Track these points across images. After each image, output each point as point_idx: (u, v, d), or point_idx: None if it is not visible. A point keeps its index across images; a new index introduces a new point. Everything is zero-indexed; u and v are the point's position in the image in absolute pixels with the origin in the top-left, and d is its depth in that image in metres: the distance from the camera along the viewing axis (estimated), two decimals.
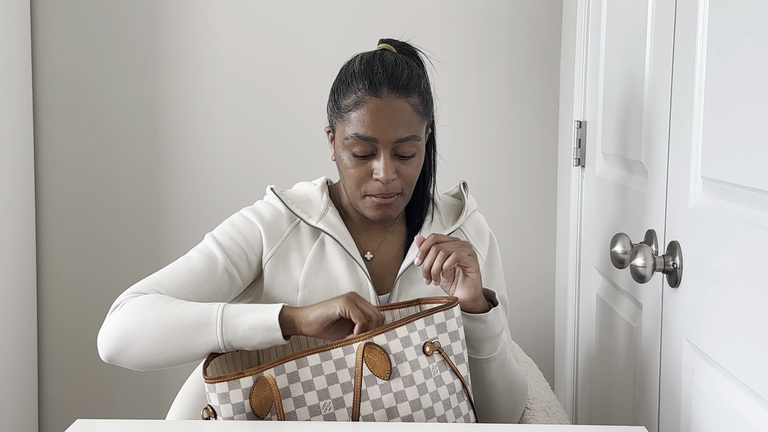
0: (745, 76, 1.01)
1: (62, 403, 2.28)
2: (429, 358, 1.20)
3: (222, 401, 1.14)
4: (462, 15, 2.18)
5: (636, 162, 1.45)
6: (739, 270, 1.03)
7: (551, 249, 2.22)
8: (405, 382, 1.18)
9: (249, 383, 1.14)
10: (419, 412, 1.17)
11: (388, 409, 1.16)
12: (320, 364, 1.16)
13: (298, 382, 1.15)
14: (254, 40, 2.20)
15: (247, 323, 1.19)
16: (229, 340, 1.19)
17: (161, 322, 1.21)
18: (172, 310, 1.21)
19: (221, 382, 1.14)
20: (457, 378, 1.22)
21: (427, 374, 1.19)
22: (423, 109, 1.31)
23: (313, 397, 1.15)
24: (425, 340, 1.20)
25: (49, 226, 2.24)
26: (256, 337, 1.19)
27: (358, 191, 1.31)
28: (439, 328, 1.22)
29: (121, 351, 1.22)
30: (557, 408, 1.54)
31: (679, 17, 1.24)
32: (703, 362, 1.15)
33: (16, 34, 2.11)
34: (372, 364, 1.17)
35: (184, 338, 1.20)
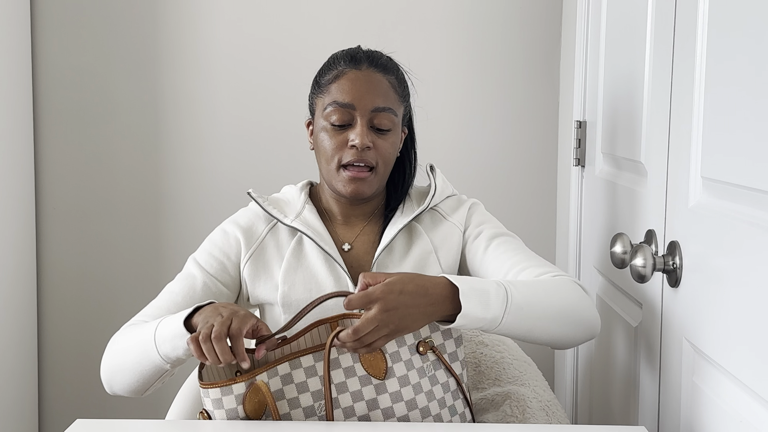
0: (746, 77, 1.01)
1: (62, 403, 2.28)
2: (422, 357, 1.20)
3: (215, 406, 1.15)
4: (462, 15, 2.18)
5: (636, 162, 1.45)
6: (739, 270, 1.03)
7: (551, 249, 2.22)
8: (400, 382, 1.18)
9: (242, 389, 1.15)
10: (415, 412, 1.18)
11: (384, 410, 1.16)
12: (314, 365, 1.16)
13: (292, 384, 1.16)
14: (254, 40, 2.20)
15: (169, 335, 1.20)
16: (166, 354, 1.21)
17: (119, 356, 1.27)
18: (123, 347, 1.27)
19: (214, 388, 1.15)
20: (452, 376, 1.22)
21: (422, 373, 1.20)
22: (400, 91, 1.38)
23: (308, 399, 1.16)
24: (418, 339, 1.20)
25: (49, 226, 2.24)
26: (178, 344, 1.18)
27: (333, 162, 1.32)
28: (432, 326, 1.22)
29: (112, 385, 1.30)
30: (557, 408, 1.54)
31: (679, 17, 1.24)
32: (703, 362, 1.15)
33: (16, 34, 2.11)
34: (368, 363, 1.17)
35: (137, 364, 1.24)
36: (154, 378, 1.25)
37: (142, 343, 1.24)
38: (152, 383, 1.27)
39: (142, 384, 1.27)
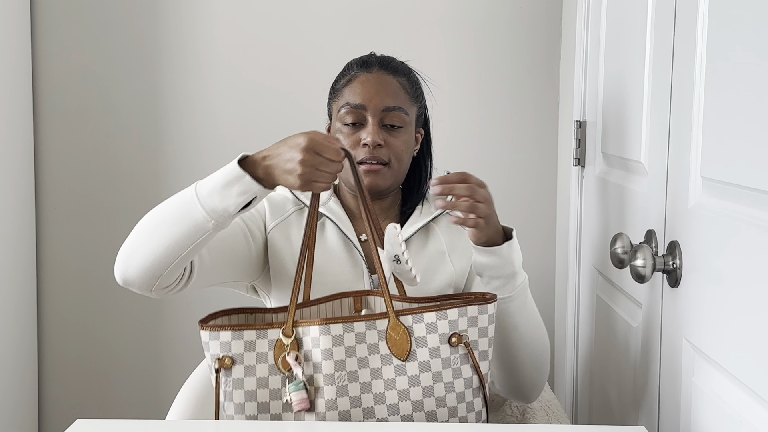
0: (746, 77, 1.01)
1: (62, 403, 2.28)
2: (453, 348, 1.20)
3: (247, 349, 1.17)
4: (462, 15, 2.18)
5: (636, 162, 1.45)
6: (739, 270, 1.03)
7: (551, 249, 2.22)
8: (421, 367, 1.17)
9: (276, 335, 1.18)
10: (430, 400, 1.17)
11: (400, 391, 1.16)
12: (342, 335, 1.16)
13: (318, 348, 1.16)
14: (254, 39, 2.20)
15: (217, 185, 1.19)
16: (212, 208, 1.19)
17: (152, 222, 1.25)
18: (158, 209, 1.25)
19: (249, 330, 1.17)
20: (477, 374, 1.21)
21: (446, 364, 1.19)
22: (411, 91, 1.44)
23: (330, 367, 1.15)
24: (453, 331, 1.19)
25: (49, 226, 2.24)
26: (231, 192, 1.18)
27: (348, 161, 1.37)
28: (471, 321, 1.21)
29: (128, 263, 1.24)
30: (557, 408, 1.54)
31: (679, 17, 1.24)
32: (703, 362, 1.15)
33: (16, 34, 2.11)
34: (393, 342, 1.17)
35: (174, 223, 1.21)
36: (187, 243, 1.21)
37: (177, 206, 1.22)
38: (181, 253, 1.21)
39: (169, 253, 1.21)
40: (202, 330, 1.19)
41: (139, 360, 2.27)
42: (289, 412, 1.16)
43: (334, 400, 1.15)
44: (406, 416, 1.15)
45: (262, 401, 1.17)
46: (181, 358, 2.25)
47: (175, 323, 2.26)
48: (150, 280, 1.23)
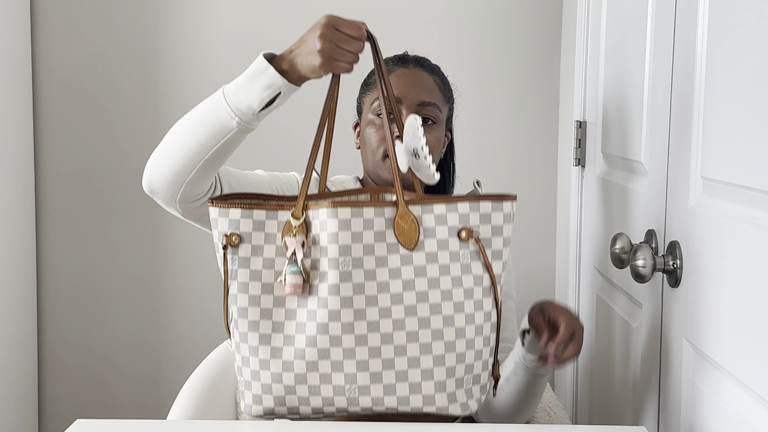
0: (745, 76, 1.01)
1: (62, 403, 2.28)
2: (462, 243, 1.15)
3: (256, 228, 1.14)
4: (462, 15, 2.18)
5: (636, 162, 1.45)
6: (739, 270, 1.03)
7: (551, 249, 2.22)
8: (428, 258, 1.13)
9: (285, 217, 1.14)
10: (436, 292, 1.12)
11: (405, 281, 1.12)
12: (349, 220, 1.12)
13: (325, 232, 1.12)
14: (255, 39, 2.20)
15: (243, 80, 1.19)
16: (236, 104, 1.19)
17: (179, 126, 1.24)
18: (188, 114, 1.25)
19: (259, 210, 1.14)
20: (488, 274, 1.15)
21: (455, 258, 1.14)
22: (444, 91, 1.45)
23: (335, 251, 1.11)
24: (464, 225, 1.14)
25: (49, 226, 2.24)
26: (255, 86, 1.18)
27: (378, 153, 1.37)
28: (483, 218, 1.15)
29: (154, 168, 1.24)
30: (557, 408, 1.54)
31: (679, 17, 1.24)
32: (703, 362, 1.16)
33: (16, 34, 2.11)
34: (400, 230, 1.12)
35: (200, 123, 1.21)
36: (211, 143, 1.20)
37: (204, 107, 1.22)
38: (205, 154, 1.21)
39: (193, 154, 1.21)
40: (212, 206, 1.15)
41: (139, 360, 2.27)
42: (293, 296, 1.13)
43: (337, 285, 1.10)
44: (409, 307, 1.11)
45: (266, 282, 1.14)
46: (181, 358, 2.25)
47: (175, 323, 2.26)
48: (174, 186, 1.23)
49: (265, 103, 1.18)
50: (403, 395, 1.12)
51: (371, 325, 1.11)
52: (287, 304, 1.14)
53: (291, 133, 2.16)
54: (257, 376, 1.14)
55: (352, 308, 1.11)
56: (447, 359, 1.12)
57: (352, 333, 1.10)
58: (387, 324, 1.11)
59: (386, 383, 1.11)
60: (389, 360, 1.11)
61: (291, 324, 1.13)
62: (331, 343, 1.11)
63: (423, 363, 1.11)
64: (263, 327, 1.13)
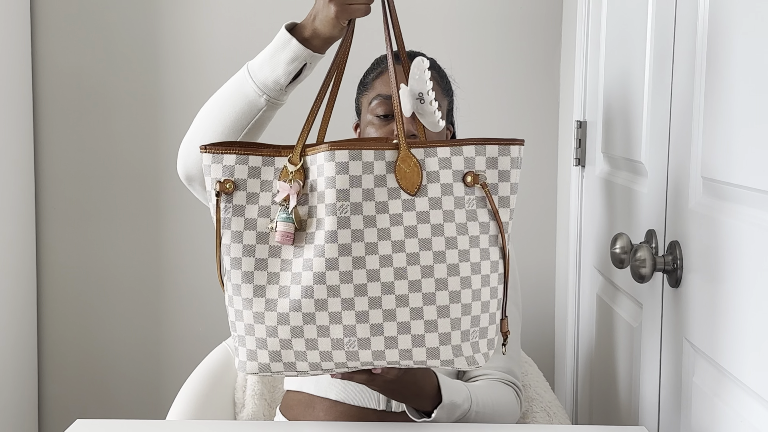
0: (746, 76, 1.01)
1: (62, 403, 2.28)
2: (468, 189, 1.08)
3: (251, 175, 1.08)
4: (462, 15, 2.18)
5: (636, 162, 1.45)
6: (739, 270, 1.03)
7: (551, 249, 2.22)
8: (431, 203, 1.06)
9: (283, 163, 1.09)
10: (440, 239, 1.06)
11: (407, 228, 1.05)
12: (347, 162, 1.05)
13: (323, 177, 1.06)
14: (255, 39, 2.19)
15: (267, 56, 1.18)
16: (263, 81, 1.18)
17: (208, 108, 1.23)
18: (215, 95, 1.24)
19: (255, 155, 1.09)
20: (495, 221, 1.10)
21: (459, 204, 1.08)
22: (443, 85, 1.41)
23: (332, 196, 1.05)
24: (469, 170, 1.08)
25: (49, 226, 2.24)
26: (279, 60, 1.17)
27: None
28: (490, 162, 1.10)
29: (188, 153, 1.23)
30: (557, 408, 1.54)
31: (679, 17, 1.24)
32: (703, 362, 1.15)
33: (16, 34, 2.11)
34: (402, 174, 1.06)
35: (228, 104, 1.20)
36: (242, 123, 1.20)
37: (231, 86, 1.21)
38: (237, 136, 1.21)
39: (226, 136, 1.20)
40: (204, 153, 1.09)
41: (139, 360, 2.27)
42: (289, 246, 1.07)
43: (335, 232, 1.03)
44: (411, 254, 1.04)
45: (261, 231, 1.08)
46: (181, 358, 2.25)
47: (175, 323, 2.26)
48: None
49: (292, 76, 1.17)
50: (406, 348, 1.05)
51: (371, 273, 1.04)
52: (283, 254, 1.07)
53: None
54: (251, 330, 1.07)
55: (350, 256, 1.04)
56: (452, 310, 1.05)
57: (351, 282, 1.04)
58: (388, 273, 1.04)
59: (387, 335, 1.05)
60: (390, 311, 1.04)
61: (286, 275, 1.06)
62: (328, 294, 1.04)
63: (426, 314, 1.05)
64: (258, 278, 1.07)
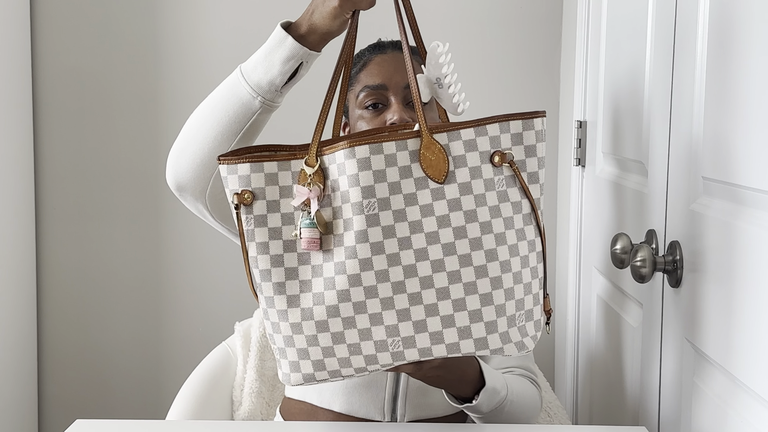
0: (746, 76, 1.01)
1: (62, 403, 2.28)
2: (496, 169, 1.04)
3: (269, 182, 1.04)
4: (462, 15, 2.18)
5: (636, 162, 1.45)
6: (740, 270, 1.03)
7: (551, 249, 2.22)
8: (461, 189, 1.02)
9: (300, 166, 1.04)
10: (474, 225, 1.01)
11: (439, 218, 1.01)
12: (368, 158, 1.00)
13: (345, 176, 1.01)
14: (255, 39, 2.19)
15: (261, 55, 1.14)
16: (257, 82, 1.14)
17: (199, 112, 1.19)
18: (207, 98, 1.20)
19: (270, 162, 1.04)
20: (526, 198, 1.06)
21: (489, 186, 1.03)
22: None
23: (357, 194, 1.01)
24: (496, 149, 1.04)
25: (49, 226, 2.24)
26: (274, 60, 1.12)
27: None
28: (515, 138, 1.05)
29: (178, 162, 1.20)
30: (557, 408, 1.54)
31: (680, 17, 1.24)
32: (703, 362, 1.15)
33: (16, 34, 2.11)
34: (427, 162, 1.01)
35: (220, 108, 1.16)
36: (236, 128, 1.15)
37: (223, 88, 1.17)
38: (231, 141, 1.15)
39: (219, 141, 1.15)
40: (221, 164, 1.05)
41: (139, 360, 2.27)
42: (318, 252, 1.03)
43: (365, 231, 1.00)
44: (447, 245, 1.01)
45: (288, 239, 1.04)
46: (181, 358, 2.25)
47: (175, 323, 2.26)
48: (202, 180, 1.17)
49: (287, 76, 1.13)
50: (453, 342, 1.01)
51: (407, 269, 1.00)
52: (313, 260, 1.03)
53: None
54: (291, 342, 1.03)
55: (384, 254, 1.00)
56: (495, 297, 1.02)
57: (388, 281, 1.00)
58: (425, 266, 1.00)
59: (432, 331, 1.01)
60: (432, 305, 1.01)
61: (319, 281, 1.02)
62: (366, 295, 1.00)
63: (470, 304, 1.01)
64: (290, 288, 1.03)
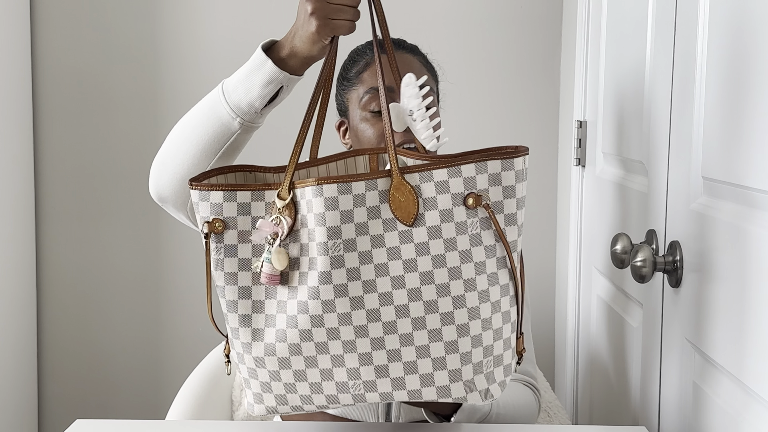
0: (746, 76, 1.01)
1: (62, 403, 2.28)
2: (470, 211, 1.00)
3: (241, 212, 1.01)
4: (462, 15, 2.18)
5: (636, 162, 1.45)
6: (740, 270, 1.03)
7: (551, 249, 2.22)
8: (430, 233, 0.98)
9: (273, 197, 1.02)
10: (442, 270, 0.98)
11: (406, 261, 0.98)
12: (336, 198, 0.97)
13: (312, 213, 0.99)
14: (254, 38, 2.19)
15: (242, 76, 1.12)
16: (236, 104, 1.12)
17: (180, 127, 1.17)
18: (189, 113, 1.18)
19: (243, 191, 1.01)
20: (501, 242, 1.01)
21: (461, 229, 0.99)
22: (431, 70, 1.34)
23: (323, 234, 0.98)
24: (470, 191, 0.99)
25: (49, 226, 2.24)
26: (254, 82, 1.10)
27: None
28: (492, 179, 1.00)
29: (159, 175, 1.17)
30: (558, 408, 1.54)
31: (680, 17, 1.24)
32: (703, 362, 1.15)
33: (16, 34, 2.11)
34: (396, 204, 0.98)
35: (200, 126, 1.14)
36: (215, 147, 1.13)
37: (204, 106, 1.15)
38: (210, 160, 1.14)
39: (199, 159, 1.13)
40: (192, 189, 1.02)
41: (139, 360, 2.27)
42: (283, 287, 1.01)
43: (329, 273, 0.97)
44: (413, 290, 0.98)
45: (257, 271, 1.02)
46: (181, 358, 2.25)
47: (175, 323, 2.26)
48: (183, 195, 1.17)
49: (267, 100, 1.12)
50: (414, 388, 1.00)
51: (371, 313, 0.98)
52: (278, 296, 1.01)
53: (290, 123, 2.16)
54: (254, 374, 1.03)
55: (347, 297, 0.97)
56: (461, 344, 0.99)
57: (351, 324, 0.98)
58: (389, 311, 0.98)
59: (394, 377, 0.99)
60: (395, 351, 0.98)
61: (282, 317, 1.00)
62: (328, 336, 0.98)
63: (433, 351, 0.98)
64: (255, 321, 1.02)
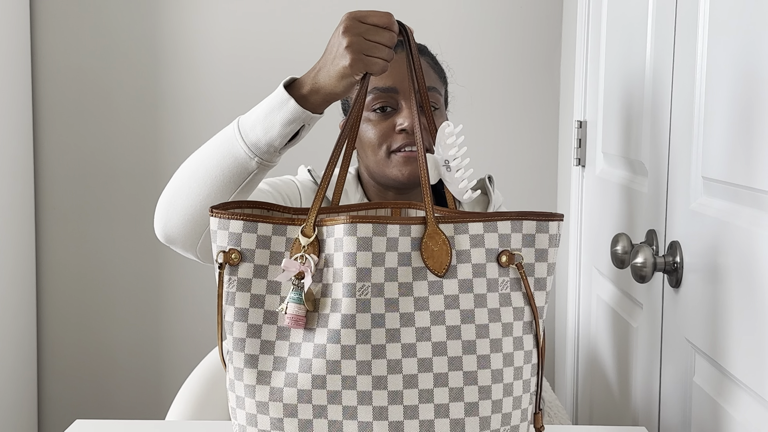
0: (745, 76, 1.01)
1: (62, 403, 2.28)
2: (502, 269, 0.97)
3: (260, 245, 0.96)
4: (462, 15, 2.18)
5: (636, 162, 1.45)
6: (740, 270, 1.03)
7: None
8: (461, 286, 0.95)
9: (296, 233, 0.97)
10: (469, 326, 0.95)
11: (434, 313, 0.94)
12: (370, 238, 0.93)
13: (341, 252, 0.94)
14: (254, 38, 2.20)
15: (261, 114, 1.07)
16: (254, 143, 1.07)
17: (191, 165, 1.12)
18: (199, 150, 1.13)
19: (265, 223, 0.96)
20: (530, 306, 0.98)
21: (492, 287, 0.97)
22: (438, 72, 1.33)
23: (352, 275, 0.93)
24: (504, 248, 0.97)
25: (49, 226, 2.24)
26: (275, 121, 1.06)
27: (381, 151, 1.25)
28: (526, 240, 0.98)
29: (167, 216, 1.12)
30: (558, 408, 1.54)
31: (680, 17, 1.24)
32: (703, 362, 1.15)
33: (16, 34, 2.11)
34: (429, 252, 0.95)
35: (214, 164, 1.09)
36: (230, 188, 1.08)
37: (218, 144, 1.09)
38: (225, 198, 1.09)
39: (211, 200, 1.08)
40: (212, 216, 0.97)
41: (139, 360, 2.27)
42: (299, 329, 0.95)
43: (353, 317, 0.92)
44: (438, 344, 0.93)
45: (270, 309, 0.96)
46: (181, 358, 2.24)
47: (175, 323, 2.26)
48: (194, 236, 1.11)
49: (287, 139, 1.07)
50: None
51: (392, 364, 0.92)
52: (292, 337, 0.96)
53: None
54: (253, 421, 0.96)
55: (370, 344, 0.92)
56: (481, 408, 0.94)
57: (370, 374, 0.92)
58: (411, 364, 0.93)
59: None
60: (412, 407, 0.93)
61: (294, 360, 0.95)
62: (343, 385, 0.93)
63: (453, 412, 0.93)
64: (262, 363, 0.95)
